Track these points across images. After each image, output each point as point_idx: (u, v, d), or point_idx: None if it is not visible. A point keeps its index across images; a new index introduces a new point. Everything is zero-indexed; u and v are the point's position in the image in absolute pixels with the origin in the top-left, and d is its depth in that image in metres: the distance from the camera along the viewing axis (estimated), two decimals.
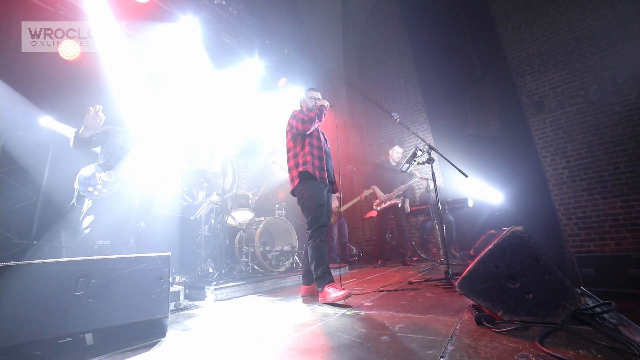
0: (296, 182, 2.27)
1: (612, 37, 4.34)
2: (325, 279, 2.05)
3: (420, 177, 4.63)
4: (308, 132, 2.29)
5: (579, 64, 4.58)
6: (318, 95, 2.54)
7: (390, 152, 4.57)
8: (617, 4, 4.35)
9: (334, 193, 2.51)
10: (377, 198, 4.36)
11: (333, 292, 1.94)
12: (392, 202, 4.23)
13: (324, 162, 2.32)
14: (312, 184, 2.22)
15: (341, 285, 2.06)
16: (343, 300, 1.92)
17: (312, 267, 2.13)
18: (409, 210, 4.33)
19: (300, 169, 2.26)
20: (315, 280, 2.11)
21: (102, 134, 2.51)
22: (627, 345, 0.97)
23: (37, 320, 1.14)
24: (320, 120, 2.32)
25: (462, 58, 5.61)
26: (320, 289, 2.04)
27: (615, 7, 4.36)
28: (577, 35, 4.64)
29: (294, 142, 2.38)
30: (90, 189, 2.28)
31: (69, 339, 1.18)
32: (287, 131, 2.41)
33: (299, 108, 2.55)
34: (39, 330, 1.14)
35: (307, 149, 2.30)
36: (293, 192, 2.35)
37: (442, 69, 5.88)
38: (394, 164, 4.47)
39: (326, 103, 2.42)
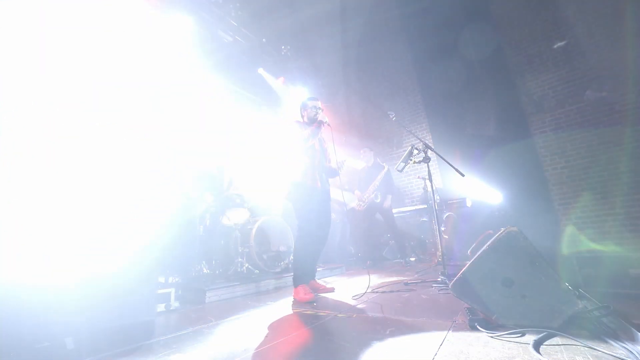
0: None
1: (611, 36, 4.29)
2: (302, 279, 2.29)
3: (417, 177, 4.60)
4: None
5: (578, 62, 4.53)
6: (319, 104, 2.62)
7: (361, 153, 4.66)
8: (616, 2, 4.30)
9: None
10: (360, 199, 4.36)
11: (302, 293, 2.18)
12: (369, 198, 4.23)
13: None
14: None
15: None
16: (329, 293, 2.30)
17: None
18: (389, 205, 4.25)
19: None
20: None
21: None
22: (625, 351, 0.93)
23: (13, 324, 1.10)
24: (313, 139, 2.43)
25: (462, 57, 5.56)
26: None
27: (615, 5, 4.31)
28: (576, 33, 4.59)
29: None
30: None
31: (47, 343, 1.14)
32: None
33: (299, 115, 2.67)
34: (15, 334, 1.09)
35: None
36: None
37: (441, 68, 5.83)
38: (369, 164, 4.55)
39: (325, 119, 2.48)
